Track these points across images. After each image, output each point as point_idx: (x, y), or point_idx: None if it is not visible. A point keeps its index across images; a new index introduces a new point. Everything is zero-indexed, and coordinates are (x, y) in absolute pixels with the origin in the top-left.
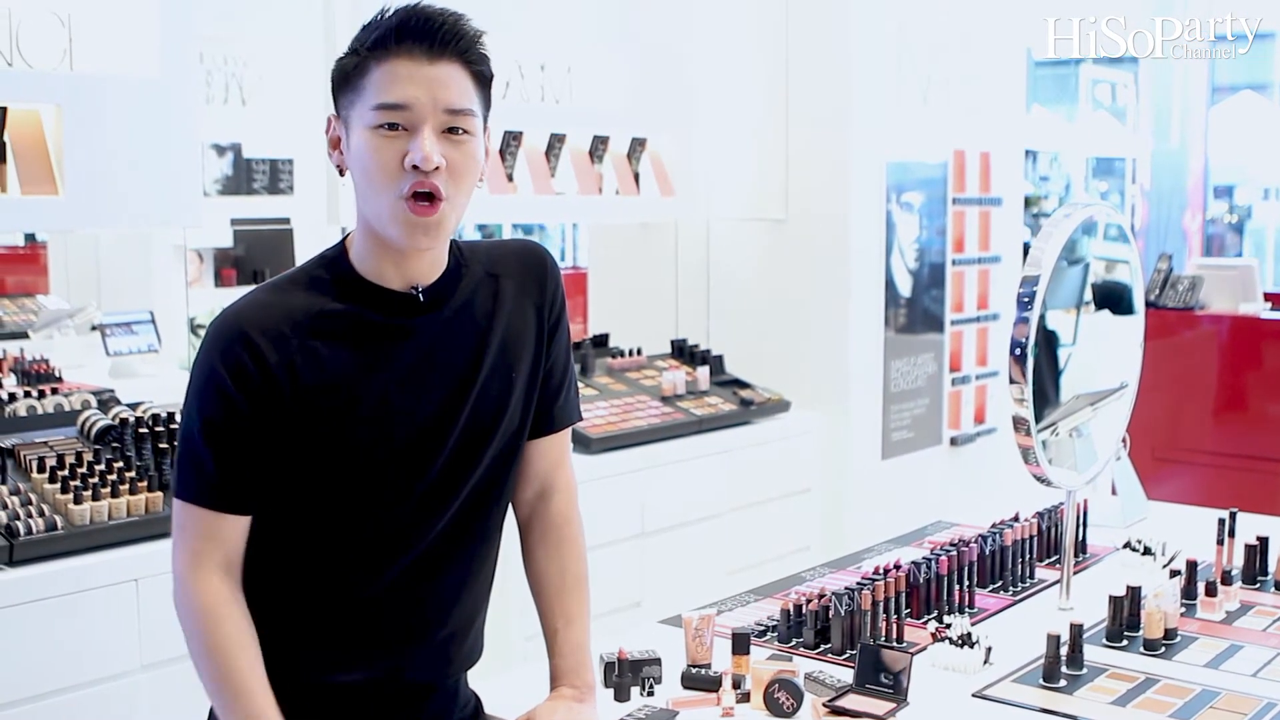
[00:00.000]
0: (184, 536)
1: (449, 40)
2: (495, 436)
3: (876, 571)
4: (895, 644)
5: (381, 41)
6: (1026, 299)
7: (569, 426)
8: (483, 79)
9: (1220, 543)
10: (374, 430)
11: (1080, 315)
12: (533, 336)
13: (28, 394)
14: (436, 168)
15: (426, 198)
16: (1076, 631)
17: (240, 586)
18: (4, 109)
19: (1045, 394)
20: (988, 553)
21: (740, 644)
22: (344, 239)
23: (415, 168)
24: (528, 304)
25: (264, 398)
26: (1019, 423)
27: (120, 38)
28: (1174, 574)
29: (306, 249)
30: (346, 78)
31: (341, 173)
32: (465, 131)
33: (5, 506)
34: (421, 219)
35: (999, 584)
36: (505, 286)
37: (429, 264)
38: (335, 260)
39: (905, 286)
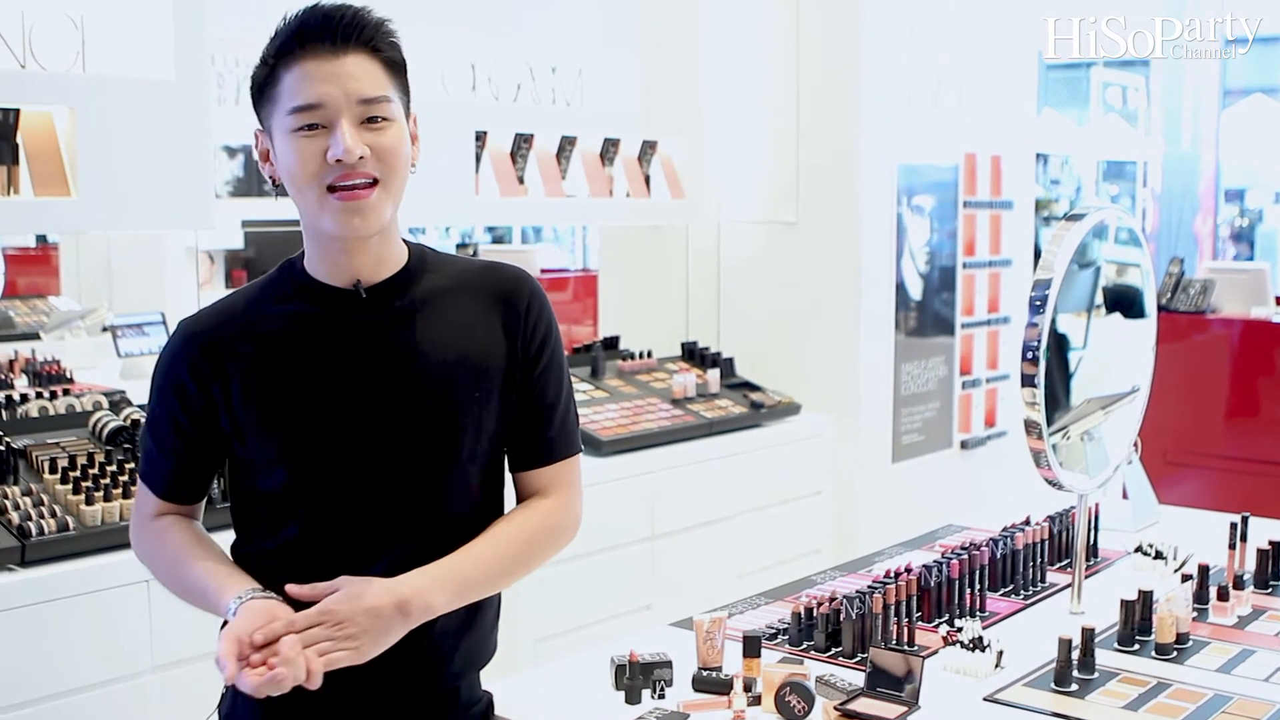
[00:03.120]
0: (140, 506)
1: (350, 32)
2: (449, 446)
3: (887, 575)
4: (906, 647)
5: (286, 47)
6: (1038, 302)
7: (567, 458)
8: (394, 65)
9: (1232, 547)
10: (312, 425)
11: (1091, 319)
12: (501, 357)
13: (39, 395)
14: (361, 158)
15: (357, 187)
16: (1088, 635)
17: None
18: (17, 111)
19: (1056, 398)
20: (999, 556)
21: (751, 647)
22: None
23: (339, 161)
24: (495, 323)
25: (202, 404)
26: (1030, 426)
27: (133, 40)
28: (1186, 578)
29: None
30: (262, 89)
31: (275, 183)
32: (384, 119)
33: (17, 507)
34: (350, 203)
35: (1010, 588)
36: (467, 303)
37: (374, 260)
38: (291, 263)
39: (916, 289)
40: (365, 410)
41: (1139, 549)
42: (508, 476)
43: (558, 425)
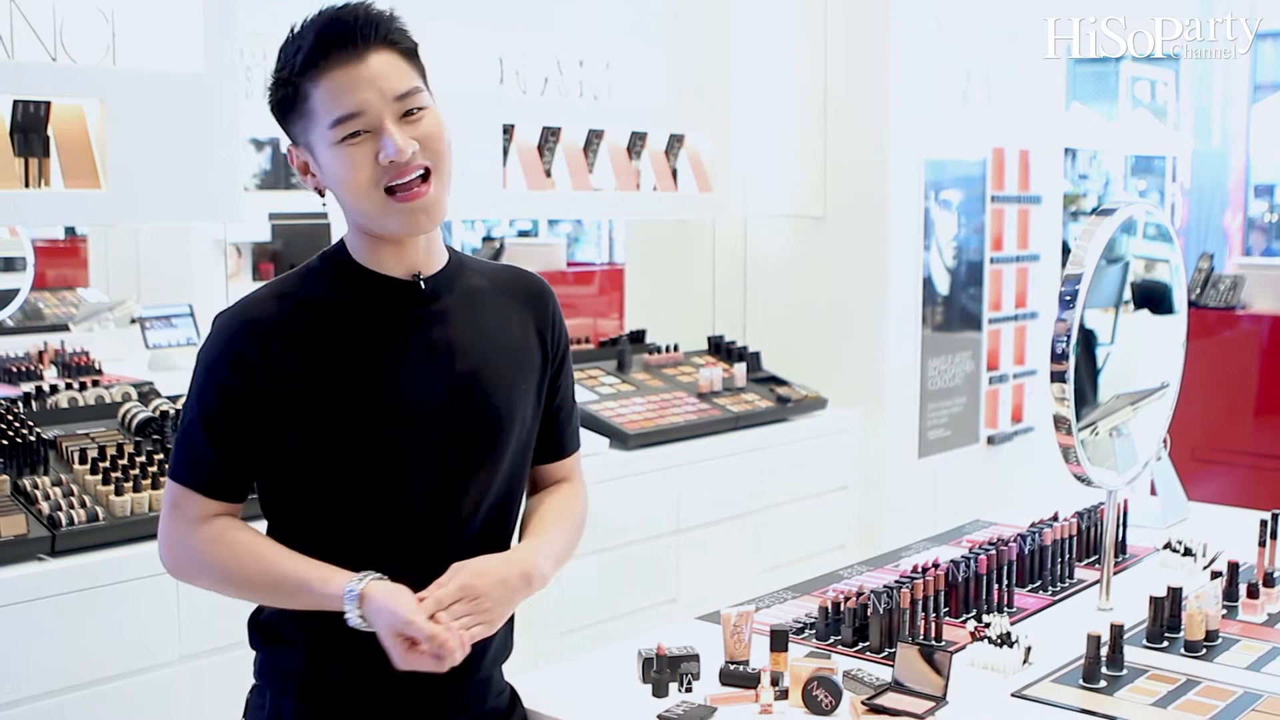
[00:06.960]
0: (177, 515)
1: (369, 33)
2: (506, 437)
3: (915, 570)
4: (934, 643)
5: (309, 61)
6: (1068, 298)
7: (577, 451)
8: (411, 53)
9: (1262, 544)
10: (373, 417)
11: (1119, 314)
12: (538, 356)
13: (69, 386)
14: (413, 153)
15: (413, 183)
16: (1117, 632)
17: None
18: (48, 103)
19: (1085, 393)
20: (1027, 552)
21: (779, 641)
22: (341, 239)
23: (391, 162)
24: (530, 324)
25: (264, 390)
26: (1060, 422)
27: (163, 33)
28: (1215, 575)
29: None
30: (291, 106)
31: (321, 193)
32: (420, 108)
33: (47, 497)
34: (413, 203)
35: (1038, 584)
36: (506, 303)
37: (426, 251)
38: (335, 254)
39: (943, 284)
40: (432, 400)
41: (1168, 545)
42: None
43: (574, 422)
